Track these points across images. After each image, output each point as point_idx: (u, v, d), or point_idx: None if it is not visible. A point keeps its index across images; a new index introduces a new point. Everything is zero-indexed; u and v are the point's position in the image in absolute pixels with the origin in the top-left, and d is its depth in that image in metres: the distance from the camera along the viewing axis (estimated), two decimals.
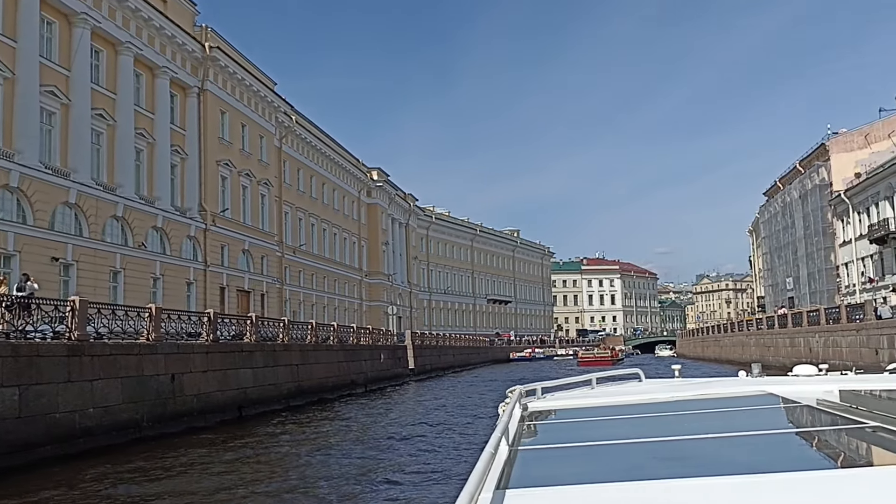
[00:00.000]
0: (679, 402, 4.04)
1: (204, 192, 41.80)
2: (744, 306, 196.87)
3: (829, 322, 34.37)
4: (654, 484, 2.02)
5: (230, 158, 44.55)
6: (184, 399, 18.66)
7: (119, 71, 35.37)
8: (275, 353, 24.94)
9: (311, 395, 27.59)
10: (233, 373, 21.44)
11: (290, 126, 55.24)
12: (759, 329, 48.84)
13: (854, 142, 56.67)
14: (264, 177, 49.18)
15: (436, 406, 27.35)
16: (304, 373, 27.35)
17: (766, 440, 2.83)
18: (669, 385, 5.01)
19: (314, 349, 28.98)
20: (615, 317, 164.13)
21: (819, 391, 3.72)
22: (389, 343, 43.08)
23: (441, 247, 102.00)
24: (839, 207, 55.58)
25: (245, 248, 45.88)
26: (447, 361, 59.47)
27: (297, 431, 19.64)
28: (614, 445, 2.92)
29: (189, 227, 39.92)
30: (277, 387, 24.66)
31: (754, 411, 3.61)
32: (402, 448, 16.83)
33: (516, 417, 3.39)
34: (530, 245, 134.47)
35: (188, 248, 40.31)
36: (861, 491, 1.85)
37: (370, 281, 73.16)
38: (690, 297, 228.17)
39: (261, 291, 47.75)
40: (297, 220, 57.26)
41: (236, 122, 45.84)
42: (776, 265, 71.84)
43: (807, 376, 4.56)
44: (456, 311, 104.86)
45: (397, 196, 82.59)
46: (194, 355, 19.41)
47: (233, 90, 45.39)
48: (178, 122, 40.83)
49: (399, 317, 79.57)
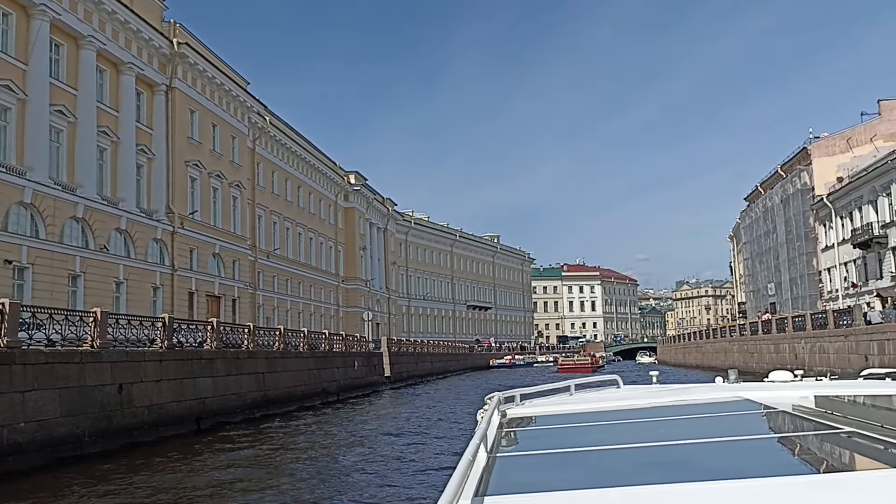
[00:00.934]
0: (656, 409, 4.03)
1: (172, 194, 40.26)
2: (723, 312, 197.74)
3: (815, 328, 33.48)
4: (632, 490, 2.01)
5: (200, 159, 43.03)
6: (133, 411, 17.19)
7: (81, 66, 33.84)
8: (238, 360, 23.44)
9: (278, 404, 26.15)
10: (190, 382, 19.98)
11: (263, 127, 53.78)
12: (741, 335, 47.99)
13: (836, 146, 56.19)
14: (236, 178, 47.69)
15: (407, 419, 26.03)
16: (271, 381, 25.88)
17: (742, 446, 2.82)
18: (647, 391, 4.98)
19: (282, 356, 27.48)
20: (595, 323, 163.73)
21: (795, 397, 3.74)
22: (364, 350, 41.60)
23: (420, 252, 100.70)
24: (821, 212, 55.01)
25: (215, 252, 44.35)
26: (425, 369, 58.08)
27: (253, 447, 18.22)
28: (592, 452, 2.88)
29: (155, 229, 38.36)
30: (241, 396, 23.16)
31: (731, 417, 3.58)
32: (371, 467, 15.53)
33: (495, 424, 3.40)
34: (510, 251, 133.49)
35: (154, 251, 38.75)
36: (837, 496, 1.85)
37: (347, 286, 71.71)
38: (670, 303, 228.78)
39: (232, 297, 46.23)
40: (271, 224, 55.76)
41: (207, 121, 44.34)
42: (757, 270, 71.30)
43: (782, 382, 4.55)
44: (435, 317, 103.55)
45: (375, 200, 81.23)
46: (146, 363, 17.94)
47: (203, 89, 43.91)
48: (145, 121, 39.31)
49: (377, 323, 78.31)
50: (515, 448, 3.16)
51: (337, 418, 25.92)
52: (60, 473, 13.82)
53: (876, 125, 56.11)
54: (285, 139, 58.24)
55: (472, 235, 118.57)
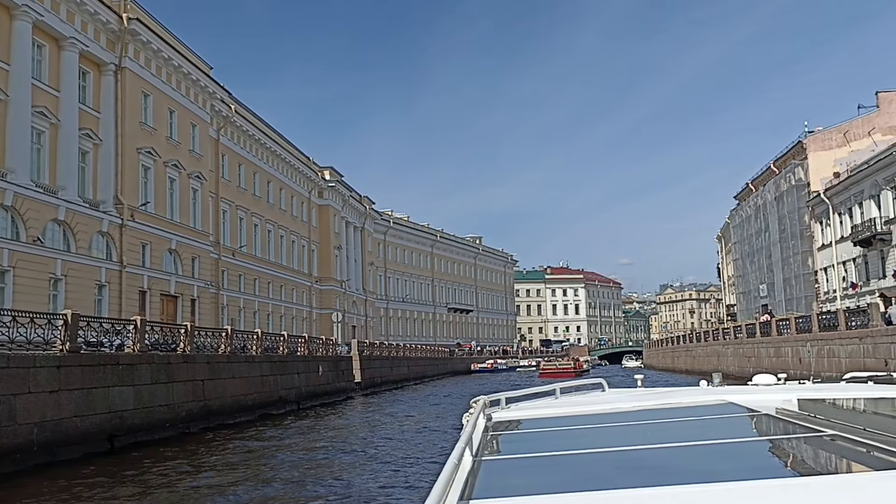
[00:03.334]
0: (641, 412, 3.98)
1: (121, 183, 36.76)
2: (707, 316, 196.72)
3: (823, 329, 30.55)
4: (617, 493, 2.00)
5: (154, 146, 39.55)
6: (15, 430, 13.86)
7: (14, 38, 30.39)
8: (170, 365, 20.02)
9: (222, 415, 22.76)
10: (102, 392, 16.60)
11: (228, 116, 50.34)
12: (736, 338, 45.10)
13: (833, 140, 53.53)
14: (196, 169, 44.21)
15: (366, 438, 22.80)
16: (214, 390, 22.48)
17: (726, 449, 2.78)
18: (632, 395, 4.85)
19: (228, 361, 24.03)
20: (579, 327, 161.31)
21: (778, 400, 3.70)
22: (331, 353, 38.18)
23: (399, 253, 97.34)
24: (818, 209, 52.30)
25: (172, 248, 40.88)
26: (400, 374, 54.68)
27: (165, 473, 14.90)
28: (577, 455, 2.84)
29: (101, 221, 34.87)
30: (172, 408, 19.75)
31: (715, 420, 3.53)
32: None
33: (480, 428, 3.41)
34: (493, 252, 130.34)
35: (100, 245, 35.27)
36: (820, 498, 1.85)
37: (321, 287, 68.33)
38: (654, 306, 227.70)
39: (191, 296, 42.77)
40: (237, 220, 52.32)
41: (162, 106, 40.86)
42: (748, 271, 68.56)
43: (766, 385, 4.48)
44: (415, 320, 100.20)
45: (352, 198, 77.86)
46: (37, 370, 14.55)
47: (158, 70, 40.43)
48: (91, 103, 35.84)
49: (354, 326, 74.97)
50: (501, 452, 3.13)
51: (290, 431, 22.59)
52: None
53: (874, 118, 53.53)
54: (253, 130, 54.82)
55: (454, 236, 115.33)
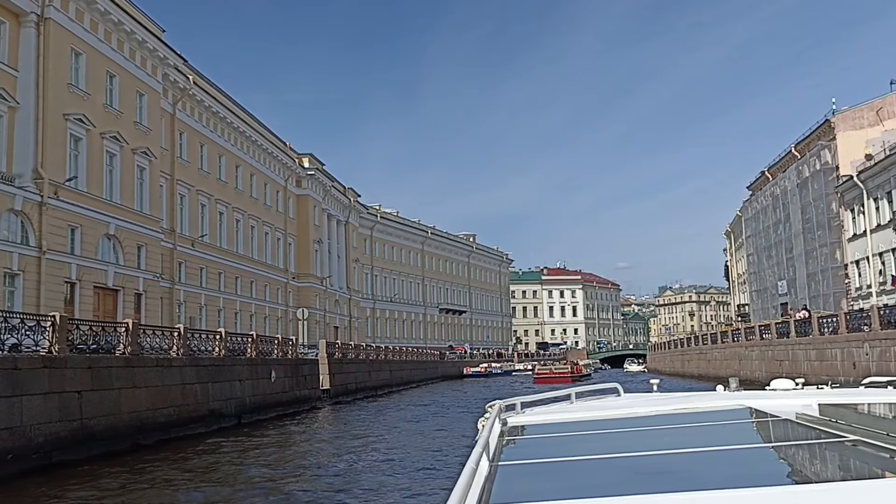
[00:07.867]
0: (658, 417, 3.92)
1: (41, 154, 30.88)
2: (708, 318, 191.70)
3: (885, 326, 24.86)
4: (635, 499, 1.97)
5: (87, 114, 33.69)
6: None
7: None
8: (18, 372, 14.17)
9: (113, 439, 16.92)
10: None
11: (186, 88, 44.54)
12: (762, 338, 39.39)
13: (864, 118, 47.94)
14: (143, 145, 38.34)
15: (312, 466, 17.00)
16: (101, 404, 16.53)
17: (746, 454, 2.74)
18: (648, 399, 4.83)
19: (127, 364, 18.04)
20: (577, 329, 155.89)
21: (798, 405, 3.65)
22: (291, 356, 32.27)
23: (387, 249, 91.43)
24: (849, 194, 46.64)
25: (110, 234, 35.03)
26: (380, 379, 48.72)
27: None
28: (595, 460, 2.78)
29: (12, 198, 29.04)
30: (22, 433, 13.93)
31: (735, 425, 3.55)
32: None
33: (496, 433, 3.37)
34: (487, 251, 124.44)
35: (12, 226, 29.49)
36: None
37: (299, 284, 62.49)
38: (653, 309, 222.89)
39: (135, 290, 36.93)
40: (197, 206, 46.49)
41: (99, 68, 35.03)
42: (764, 267, 62.81)
43: (784, 390, 4.40)
44: (404, 321, 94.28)
45: (334, 188, 72.03)
46: None
47: (93, 26, 34.61)
48: (8, 60, 30.12)
49: (336, 326, 69.22)
50: (517, 457, 3.07)
51: (203, 463, 16.80)
52: None
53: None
54: (217, 107, 48.99)
55: (446, 233, 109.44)
